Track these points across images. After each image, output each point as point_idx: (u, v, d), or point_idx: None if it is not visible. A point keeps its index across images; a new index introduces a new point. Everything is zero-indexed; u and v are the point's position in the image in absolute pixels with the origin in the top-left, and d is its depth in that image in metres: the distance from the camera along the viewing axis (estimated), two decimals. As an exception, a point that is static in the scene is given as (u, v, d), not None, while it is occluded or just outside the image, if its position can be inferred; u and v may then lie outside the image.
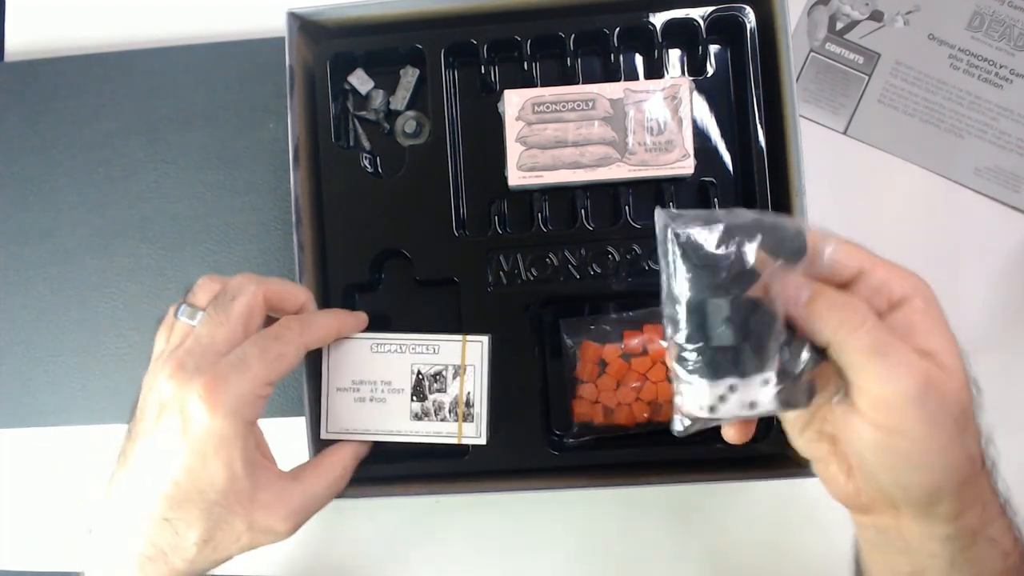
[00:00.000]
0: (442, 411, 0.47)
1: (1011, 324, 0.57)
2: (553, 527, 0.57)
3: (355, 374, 0.47)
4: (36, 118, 0.62)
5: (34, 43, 0.64)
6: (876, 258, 0.35)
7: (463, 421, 0.47)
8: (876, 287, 0.34)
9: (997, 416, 0.56)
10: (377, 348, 0.47)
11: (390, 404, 0.47)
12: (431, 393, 0.46)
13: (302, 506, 0.42)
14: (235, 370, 0.39)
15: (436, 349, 0.47)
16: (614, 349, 0.49)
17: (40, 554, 0.60)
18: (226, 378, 0.39)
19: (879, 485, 0.34)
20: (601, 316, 0.51)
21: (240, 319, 0.41)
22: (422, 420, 0.47)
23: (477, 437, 0.47)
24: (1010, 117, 0.58)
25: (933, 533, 0.35)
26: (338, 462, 0.46)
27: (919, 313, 0.34)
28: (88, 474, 0.60)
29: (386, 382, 0.47)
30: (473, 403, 0.46)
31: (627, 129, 0.50)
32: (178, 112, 0.61)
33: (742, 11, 0.51)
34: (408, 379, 0.47)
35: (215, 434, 0.39)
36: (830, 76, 0.60)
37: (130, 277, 0.60)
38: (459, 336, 0.47)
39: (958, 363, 0.34)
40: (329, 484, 0.45)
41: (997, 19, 0.58)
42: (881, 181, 0.58)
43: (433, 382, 0.46)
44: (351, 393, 0.47)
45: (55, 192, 0.61)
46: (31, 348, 0.61)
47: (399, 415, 0.47)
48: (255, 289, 0.42)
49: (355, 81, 0.55)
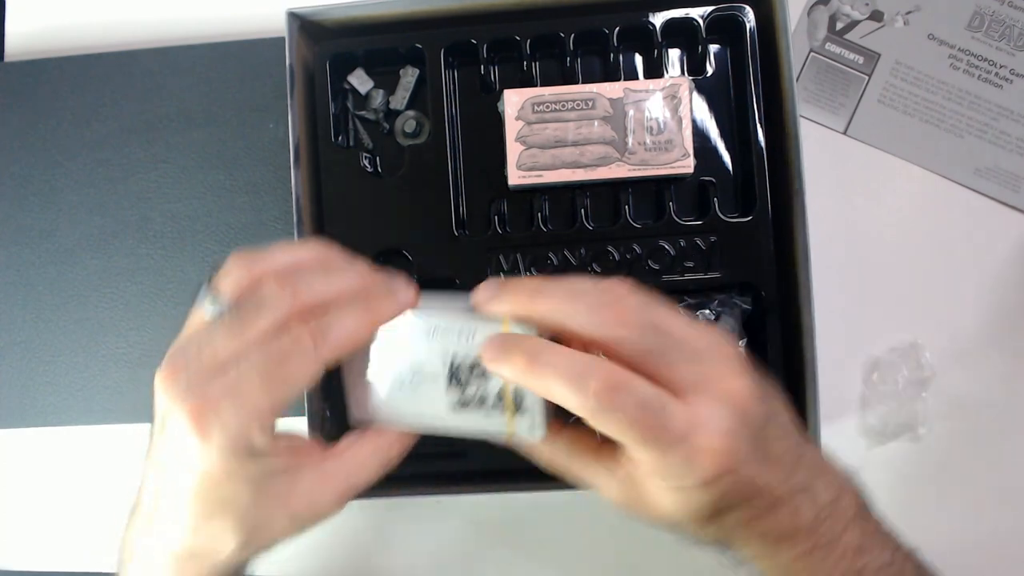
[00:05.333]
0: (486, 403, 0.39)
1: (1011, 324, 0.57)
2: (552, 528, 0.57)
3: (384, 359, 0.39)
4: (36, 118, 0.62)
5: (34, 43, 0.64)
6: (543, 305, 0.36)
7: (513, 415, 0.39)
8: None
9: (997, 416, 0.56)
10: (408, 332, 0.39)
11: (425, 393, 0.39)
12: (472, 383, 0.38)
13: (348, 488, 0.38)
14: (228, 398, 0.33)
15: (472, 336, 0.38)
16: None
17: (40, 554, 0.60)
18: (216, 409, 0.33)
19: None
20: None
21: (258, 337, 0.34)
22: (463, 412, 0.39)
23: (531, 433, 0.38)
24: (1010, 117, 0.58)
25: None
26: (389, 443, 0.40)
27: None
28: (88, 474, 0.60)
29: (418, 369, 0.39)
30: (523, 394, 0.38)
31: (627, 129, 0.50)
32: (178, 112, 0.61)
33: (742, 11, 0.51)
34: (443, 365, 0.38)
35: (213, 467, 0.34)
36: (830, 76, 0.60)
37: (130, 277, 0.60)
38: (498, 321, 0.37)
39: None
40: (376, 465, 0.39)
41: (997, 19, 0.58)
42: (881, 181, 0.58)
43: (472, 371, 0.38)
44: (376, 379, 0.40)
45: (55, 192, 0.61)
46: (31, 348, 0.61)
47: (437, 405, 0.39)
48: (288, 309, 0.35)
49: (355, 81, 0.55)
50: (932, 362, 0.56)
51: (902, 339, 0.56)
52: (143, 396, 0.59)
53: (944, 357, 0.56)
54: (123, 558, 0.39)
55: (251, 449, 0.35)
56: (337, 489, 0.38)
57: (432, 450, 0.51)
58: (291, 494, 0.37)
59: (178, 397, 0.34)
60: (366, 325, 0.37)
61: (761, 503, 0.35)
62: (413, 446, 0.44)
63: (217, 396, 0.33)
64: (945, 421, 0.56)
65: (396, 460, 0.41)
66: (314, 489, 0.37)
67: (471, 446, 0.50)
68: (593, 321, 0.34)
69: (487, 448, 0.50)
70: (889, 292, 0.57)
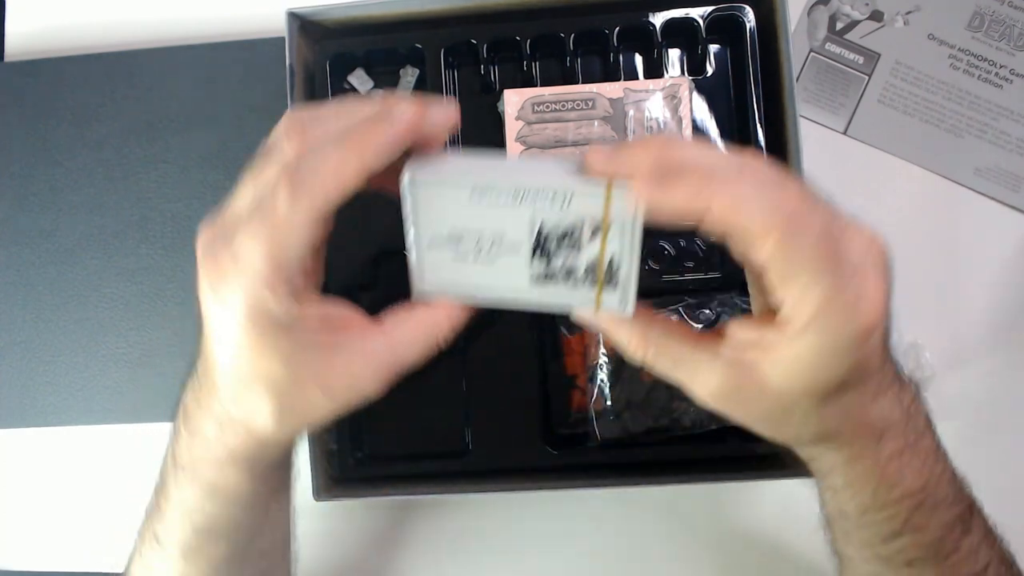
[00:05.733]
0: (574, 275, 0.35)
1: (1011, 324, 0.57)
2: (553, 527, 0.57)
3: (452, 227, 0.35)
4: (36, 118, 0.62)
5: (34, 43, 0.64)
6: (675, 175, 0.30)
7: (603, 289, 0.35)
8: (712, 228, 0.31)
9: (997, 416, 0.56)
10: (482, 196, 0.34)
11: (503, 265, 0.35)
12: (559, 254, 0.35)
13: (390, 364, 0.36)
14: (233, 264, 0.32)
15: (567, 200, 0.33)
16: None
17: (40, 554, 0.60)
18: (224, 276, 0.32)
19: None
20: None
21: (289, 211, 0.31)
22: (547, 285, 0.35)
23: (621, 309, 0.35)
24: (1010, 117, 0.58)
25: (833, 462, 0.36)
26: (438, 319, 0.37)
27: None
28: (88, 474, 0.60)
29: (496, 239, 0.35)
30: (618, 267, 0.34)
31: (627, 129, 0.50)
32: (178, 112, 0.61)
33: (742, 11, 0.51)
34: (527, 236, 0.34)
35: (241, 338, 0.33)
36: (830, 76, 0.60)
37: (130, 277, 0.60)
38: (600, 182, 0.32)
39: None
40: (424, 341, 0.36)
41: (997, 19, 0.58)
42: (881, 181, 0.58)
43: (562, 240, 0.34)
44: (448, 251, 0.36)
45: (55, 192, 0.61)
46: (31, 348, 0.61)
47: (516, 278, 0.36)
48: (336, 164, 0.31)
49: (355, 81, 0.55)
50: (932, 362, 0.56)
51: (902, 339, 0.56)
52: (143, 396, 0.60)
53: (944, 357, 0.56)
54: (177, 419, 0.39)
55: (271, 317, 0.32)
56: (379, 368, 0.35)
57: (432, 450, 0.52)
58: (328, 371, 0.34)
59: (198, 261, 0.33)
60: (348, 162, 0.31)
61: (872, 385, 0.34)
62: (414, 446, 0.44)
63: (227, 264, 0.32)
64: (945, 421, 0.55)
65: (447, 339, 0.37)
66: (353, 366, 0.35)
67: (471, 446, 0.51)
68: (764, 217, 0.30)
69: (487, 448, 0.50)
70: (889, 292, 0.57)
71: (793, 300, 0.31)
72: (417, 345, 0.36)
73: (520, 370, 0.50)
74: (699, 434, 0.49)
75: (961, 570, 0.38)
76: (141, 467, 0.60)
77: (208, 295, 0.33)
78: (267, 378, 0.34)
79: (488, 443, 0.50)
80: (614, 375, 0.49)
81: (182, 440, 0.38)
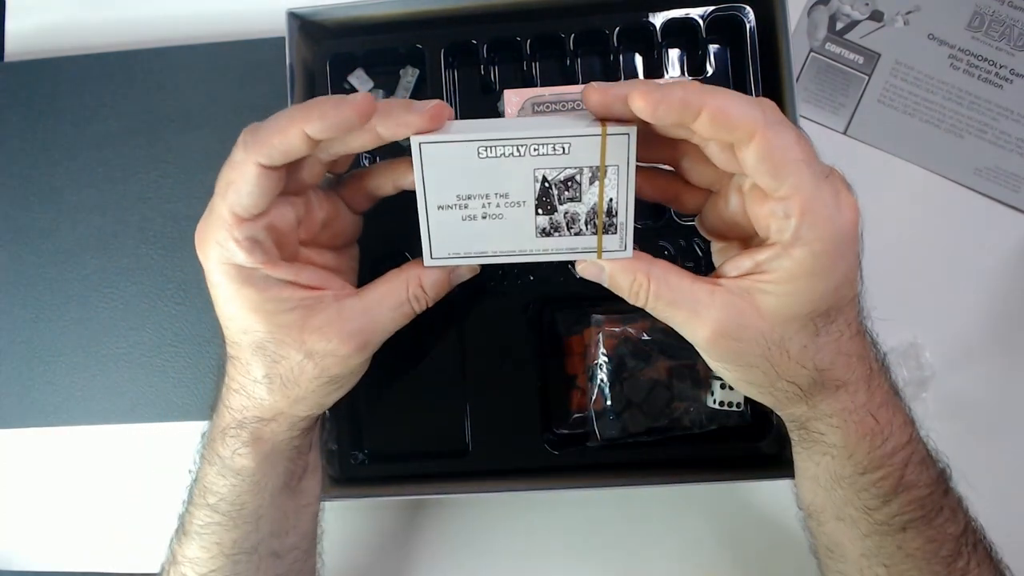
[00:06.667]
0: (576, 223, 0.38)
1: (1011, 324, 0.57)
2: (553, 527, 0.57)
3: (460, 187, 0.38)
4: (36, 118, 0.62)
5: (34, 43, 0.64)
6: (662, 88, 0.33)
7: (603, 233, 0.38)
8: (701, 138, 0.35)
9: (997, 416, 0.56)
10: (486, 153, 0.37)
11: (509, 220, 0.38)
12: (562, 203, 0.37)
13: (364, 325, 0.38)
14: (206, 220, 0.37)
15: (566, 148, 0.36)
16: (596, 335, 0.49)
17: (40, 554, 0.60)
18: (204, 229, 0.37)
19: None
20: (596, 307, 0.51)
21: (241, 160, 0.35)
22: (552, 236, 0.38)
23: (621, 250, 0.38)
24: (1010, 117, 0.58)
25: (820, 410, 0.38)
26: (408, 277, 0.39)
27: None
28: (88, 474, 0.60)
29: (502, 194, 0.37)
30: (616, 211, 0.37)
31: (627, 129, 0.50)
32: (178, 112, 0.61)
33: (742, 11, 0.51)
34: (531, 188, 0.37)
35: (221, 287, 0.37)
36: (830, 76, 0.60)
37: (130, 277, 0.60)
38: (596, 129, 0.36)
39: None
40: (394, 301, 0.39)
41: (997, 19, 0.58)
42: (881, 181, 0.58)
43: (564, 189, 0.37)
44: (457, 211, 0.38)
45: (55, 192, 0.61)
46: (31, 348, 0.61)
47: (522, 232, 0.38)
48: (282, 124, 0.35)
49: (355, 81, 0.55)
50: (932, 362, 0.56)
51: (902, 339, 0.56)
52: (143, 396, 0.60)
53: (944, 357, 0.56)
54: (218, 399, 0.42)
55: (241, 270, 0.36)
56: (354, 330, 0.37)
57: (432, 450, 0.52)
58: (303, 328, 0.37)
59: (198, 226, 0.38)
60: (293, 121, 0.35)
61: (853, 316, 0.37)
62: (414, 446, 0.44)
63: (205, 219, 0.37)
64: (945, 421, 0.55)
65: (420, 303, 0.40)
66: (330, 328, 0.37)
67: (471, 446, 0.51)
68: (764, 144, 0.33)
69: (487, 448, 0.50)
70: (889, 292, 0.57)
71: (781, 201, 0.34)
72: (391, 309, 0.39)
73: (520, 370, 0.50)
74: (699, 434, 0.49)
75: (947, 530, 0.39)
76: (141, 467, 0.60)
77: (199, 254, 0.37)
78: (250, 334, 0.37)
79: (488, 443, 0.50)
80: (614, 375, 0.48)
81: (214, 416, 0.41)
